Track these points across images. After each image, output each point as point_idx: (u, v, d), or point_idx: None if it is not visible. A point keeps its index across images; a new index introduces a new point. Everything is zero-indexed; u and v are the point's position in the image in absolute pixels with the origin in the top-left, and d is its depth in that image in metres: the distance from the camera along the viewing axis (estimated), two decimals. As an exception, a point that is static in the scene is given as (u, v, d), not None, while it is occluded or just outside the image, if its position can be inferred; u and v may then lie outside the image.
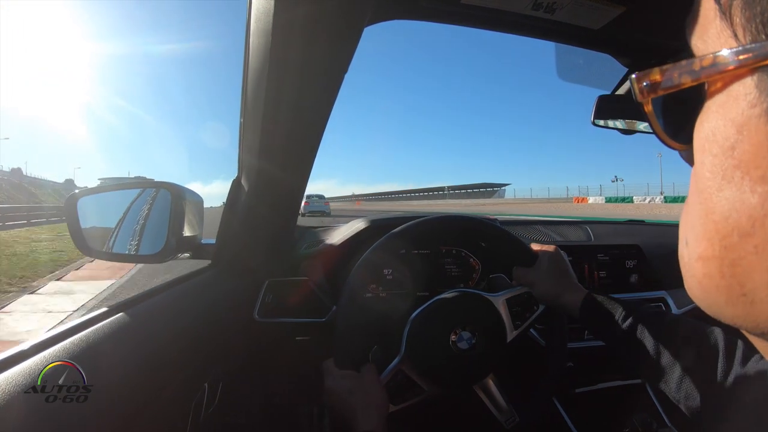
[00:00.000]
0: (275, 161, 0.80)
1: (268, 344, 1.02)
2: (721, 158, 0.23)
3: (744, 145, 0.21)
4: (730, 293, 0.23)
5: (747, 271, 0.22)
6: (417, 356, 0.80)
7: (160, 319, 0.73)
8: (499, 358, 0.83)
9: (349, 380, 0.76)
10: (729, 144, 0.22)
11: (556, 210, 36.38)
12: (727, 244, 0.23)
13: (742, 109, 0.22)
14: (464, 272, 1.13)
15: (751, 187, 0.21)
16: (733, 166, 0.22)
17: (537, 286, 0.84)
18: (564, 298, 0.80)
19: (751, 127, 0.21)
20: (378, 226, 1.10)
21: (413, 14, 0.67)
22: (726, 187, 0.22)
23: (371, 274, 1.01)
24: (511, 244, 0.92)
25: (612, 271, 1.23)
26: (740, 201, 0.22)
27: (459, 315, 0.82)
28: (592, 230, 1.34)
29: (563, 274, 0.84)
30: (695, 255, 0.25)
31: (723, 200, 0.23)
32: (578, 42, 0.77)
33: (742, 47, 0.21)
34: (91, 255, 0.83)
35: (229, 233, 0.93)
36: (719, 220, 0.23)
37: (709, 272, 0.24)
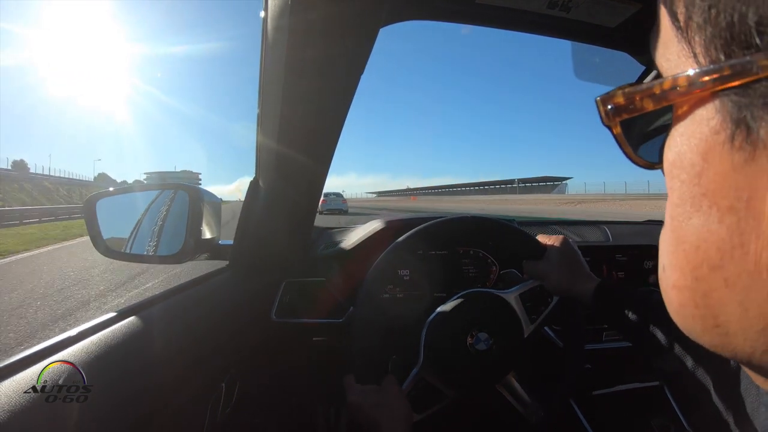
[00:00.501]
0: (292, 162, 0.81)
1: (285, 344, 1.03)
2: (688, 185, 0.22)
3: (709, 173, 0.20)
4: (705, 323, 0.23)
5: (719, 303, 0.21)
6: (436, 362, 0.80)
7: (177, 319, 0.74)
8: (517, 355, 0.83)
9: (372, 395, 0.75)
10: (695, 171, 0.21)
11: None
12: (698, 275, 0.22)
13: (705, 135, 0.20)
14: (482, 272, 1.12)
15: (719, 217, 0.20)
16: (700, 195, 0.21)
17: (548, 277, 0.83)
18: (577, 287, 0.79)
19: (715, 154, 0.20)
20: (395, 227, 1.10)
21: (428, 14, 0.68)
22: (694, 216, 0.22)
23: (388, 275, 1.01)
24: (518, 237, 0.91)
25: (630, 272, 1.22)
26: (708, 232, 0.21)
27: (474, 316, 0.81)
28: (610, 230, 1.33)
29: (574, 263, 0.82)
30: (670, 283, 0.24)
31: (692, 229, 0.22)
32: (594, 40, 0.76)
33: (701, 69, 0.20)
34: (109, 256, 0.84)
35: (247, 234, 0.94)
36: (689, 249, 0.22)
37: (683, 302, 0.24)
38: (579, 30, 0.73)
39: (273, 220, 0.93)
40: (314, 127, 0.76)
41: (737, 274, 0.20)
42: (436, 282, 1.08)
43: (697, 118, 0.21)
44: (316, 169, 0.86)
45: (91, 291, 5.29)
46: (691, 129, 0.21)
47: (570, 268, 0.81)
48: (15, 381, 0.45)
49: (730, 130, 0.19)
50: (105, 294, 5.15)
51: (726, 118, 0.19)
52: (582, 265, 0.82)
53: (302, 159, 0.81)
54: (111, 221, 0.85)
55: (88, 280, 5.99)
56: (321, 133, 0.78)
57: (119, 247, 0.88)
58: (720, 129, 0.20)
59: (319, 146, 0.81)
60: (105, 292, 5.27)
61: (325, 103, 0.72)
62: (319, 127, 0.76)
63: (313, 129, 0.76)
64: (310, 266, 1.08)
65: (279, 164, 0.82)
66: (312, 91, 0.69)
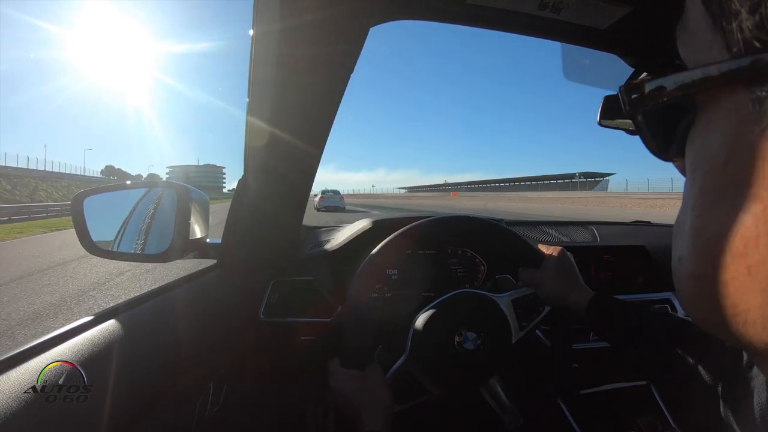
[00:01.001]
0: (281, 161, 0.80)
1: (274, 344, 1.02)
2: (712, 175, 0.22)
3: (736, 162, 0.21)
4: (723, 313, 0.23)
5: (739, 291, 0.21)
6: (421, 356, 0.80)
7: (165, 318, 0.73)
8: (503, 360, 0.83)
9: (355, 380, 0.76)
10: (721, 161, 0.21)
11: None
12: (719, 264, 0.22)
13: (734, 125, 0.21)
14: (470, 272, 1.13)
15: (744, 206, 0.20)
16: (725, 184, 0.21)
17: (543, 286, 0.83)
18: (570, 299, 0.79)
19: (743, 144, 0.20)
20: (383, 227, 1.10)
21: (419, 14, 0.67)
22: (718, 206, 0.22)
23: (376, 274, 1.01)
24: (517, 244, 0.91)
25: (618, 272, 1.23)
26: (732, 220, 0.21)
27: (464, 315, 0.81)
28: (598, 231, 1.34)
29: (570, 275, 0.83)
30: (688, 273, 0.24)
31: (715, 219, 0.22)
32: (585, 42, 0.77)
33: (734, 60, 0.20)
34: (97, 254, 0.83)
35: (235, 233, 0.94)
36: (711, 239, 0.22)
37: (702, 291, 0.24)
38: (569, 31, 0.73)
39: (261, 219, 0.92)
40: (303, 126, 0.76)
41: (761, 262, 0.20)
42: (425, 281, 1.08)
43: (726, 108, 0.21)
44: (305, 169, 0.85)
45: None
46: (720, 119, 0.21)
47: (565, 279, 0.82)
48: (15, 381, 0.44)
49: (760, 120, 0.19)
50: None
51: (758, 108, 0.19)
52: (577, 277, 0.83)
53: (291, 158, 0.81)
54: (99, 219, 0.84)
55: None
56: (310, 132, 0.78)
57: (106, 246, 0.87)
58: (750, 119, 0.20)
59: (307, 146, 0.80)
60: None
61: (314, 103, 0.72)
62: (308, 126, 0.76)
63: (301, 128, 0.76)
64: (299, 265, 1.07)
65: (267, 163, 0.82)
66: (301, 91, 0.69)
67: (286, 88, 0.69)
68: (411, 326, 0.82)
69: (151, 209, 0.93)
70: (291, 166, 0.82)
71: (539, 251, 0.89)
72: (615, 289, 1.19)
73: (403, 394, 0.80)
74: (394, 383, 0.79)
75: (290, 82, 0.68)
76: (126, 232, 0.92)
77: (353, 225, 1.17)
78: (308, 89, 0.70)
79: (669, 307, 1.17)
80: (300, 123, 0.75)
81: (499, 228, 0.93)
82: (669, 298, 1.18)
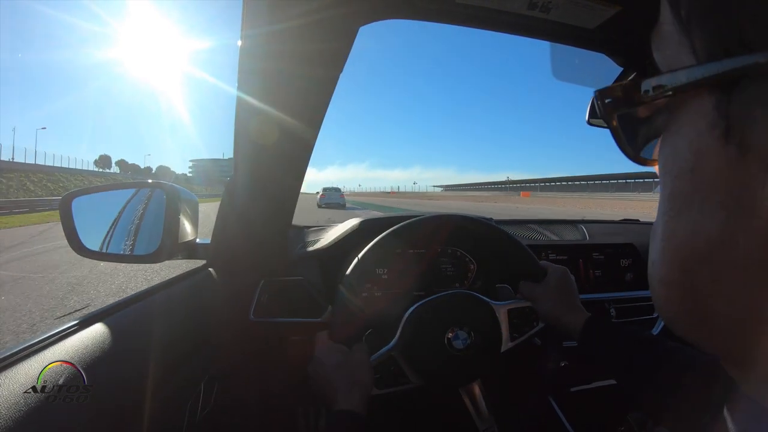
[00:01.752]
0: (270, 161, 0.80)
1: (264, 344, 1.02)
2: (681, 180, 0.22)
3: (703, 168, 0.21)
4: (691, 318, 0.23)
5: (706, 298, 0.22)
6: (410, 346, 0.80)
7: (155, 319, 0.73)
8: (490, 365, 0.83)
9: (339, 354, 0.76)
10: (688, 166, 0.22)
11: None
12: (686, 270, 0.22)
13: (700, 131, 0.21)
14: (460, 272, 1.13)
15: (710, 212, 0.20)
16: (692, 190, 0.21)
17: (541, 302, 0.83)
18: (566, 318, 0.79)
19: (709, 150, 0.20)
20: (372, 226, 1.10)
21: (408, 14, 0.67)
22: (686, 211, 0.22)
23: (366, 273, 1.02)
24: (522, 256, 0.90)
25: (607, 270, 1.24)
26: (698, 226, 0.21)
27: (459, 315, 0.81)
28: (587, 229, 1.35)
29: (569, 294, 0.83)
30: (658, 278, 0.25)
31: (683, 224, 0.22)
32: (573, 41, 0.77)
33: (699, 65, 0.20)
34: (85, 255, 0.82)
35: (224, 233, 0.93)
36: (679, 244, 0.23)
37: (670, 297, 0.24)
38: (558, 31, 0.73)
39: (250, 220, 0.92)
40: (292, 125, 0.75)
41: (725, 269, 0.20)
42: (415, 280, 1.08)
43: (694, 114, 0.21)
44: (294, 169, 0.85)
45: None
46: (688, 124, 0.22)
47: (564, 298, 0.82)
48: (15, 381, 0.44)
49: (725, 127, 0.19)
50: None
51: (722, 114, 0.20)
52: (576, 298, 0.83)
53: (279, 158, 0.80)
54: (87, 220, 0.83)
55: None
56: (298, 133, 0.77)
57: (95, 246, 0.86)
58: (715, 125, 0.20)
59: (296, 145, 0.80)
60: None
61: (303, 103, 0.72)
62: (297, 127, 0.76)
63: (290, 128, 0.76)
64: (288, 265, 1.07)
65: (256, 164, 0.81)
66: (289, 90, 0.69)
67: (273, 88, 0.68)
68: (405, 315, 0.82)
69: (140, 210, 0.92)
70: (280, 166, 0.82)
71: (542, 267, 0.88)
72: (604, 287, 1.20)
73: (385, 379, 0.80)
74: (377, 367, 0.79)
75: (278, 83, 0.68)
76: (115, 233, 0.91)
77: (342, 224, 1.17)
78: (296, 90, 0.70)
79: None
80: (289, 123, 0.74)
81: (506, 236, 0.92)
82: None
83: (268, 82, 0.68)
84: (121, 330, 0.62)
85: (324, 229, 1.23)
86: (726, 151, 0.19)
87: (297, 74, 0.67)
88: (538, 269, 0.88)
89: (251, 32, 0.63)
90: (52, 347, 0.51)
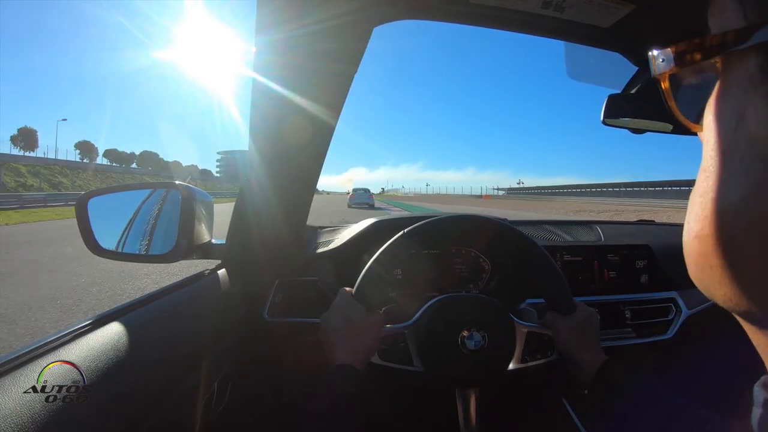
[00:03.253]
0: (285, 162, 0.80)
1: (278, 344, 1.02)
2: (723, 137, 0.23)
3: (745, 125, 0.22)
4: (723, 273, 0.23)
5: (740, 251, 0.22)
6: (424, 330, 0.79)
7: (170, 319, 0.74)
8: (493, 375, 0.82)
9: (354, 311, 0.76)
10: (732, 124, 0.22)
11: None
12: (721, 223, 0.23)
13: (746, 89, 0.22)
14: (474, 273, 1.12)
15: (749, 166, 0.21)
16: (734, 146, 0.22)
17: (562, 334, 0.82)
18: (583, 355, 0.78)
19: (752, 108, 0.21)
20: (387, 226, 1.10)
21: (422, 14, 0.67)
22: (725, 166, 0.23)
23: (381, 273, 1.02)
24: (558, 286, 0.86)
25: (622, 272, 1.22)
26: (736, 180, 0.22)
27: (482, 319, 0.80)
28: (602, 231, 1.33)
29: (591, 334, 0.82)
30: (693, 233, 0.25)
31: (721, 179, 0.23)
32: (588, 41, 0.76)
33: (748, 26, 0.21)
34: (101, 255, 0.83)
35: (239, 233, 0.94)
36: (716, 198, 0.23)
37: (704, 251, 0.24)
38: (572, 30, 0.73)
39: (265, 220, 0.92)
40: (307, 127, 0.76)
41: (760, 222, 0.21)
42: (429, 281, 1.08)
43: (740, 73, 0.22)
44: (309, 169, 0.85)
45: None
46: (734, 83, 0.23)
47: (586, 336, 0.81)
48: (15, 381, 0.44)
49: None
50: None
51: (766, 73, 0.21)
52: (597, 340, 0.82)
53: (294, 159, 0.81)
54: (103, 220, 0.84)
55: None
56: (313, 133, 0.78)
57: (111, 246, 0.87)
58: (759, 83, 0.21)
59: (311, 147, 0.80)
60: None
61: (318, 104, 0.72)
62: (312, 127, 0.76)
63: (305, 129, 0.76)
64: (303, 265, 1.07)
65: (271, 164, 0.82)
66: (304, 92, 0.69)
67: (288, 90, 0.69)
68: (428, 302, 0.82)
69: (155, 210, 0.93)
70: (294, 167, 0.82)
71: (573, 303, 0.86)
72: (620, 289, 1.19)
73: (389, 353, 0.80)
74: (386, 338, 0.80)
75: (293, 84, 0.69)
76: (130, 233, 0.92)
77: (356, 225, 1.17)
78: (311, 90, 0.70)
79: (673, 306, 1.17)
80: (303, 123, 0.75)
81: (547, 260, 0.87)
82: (673, 297, 1.18)
83: (283, 84, 0.68)
84: (131, 331, 0.62)
85: (339, 230, 1.23)
86: (767, 108, 0.21)
87: (312, 75, 0.67)
88: (569, 304, 0.86)
89: (266, 34, 0.63)
90: (56, 349, 0.52)
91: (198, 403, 0.73)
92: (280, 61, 0.65)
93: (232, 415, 0.86)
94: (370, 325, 0.76)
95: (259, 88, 0.72)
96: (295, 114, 0.73)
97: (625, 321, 1.13)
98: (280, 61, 0.65)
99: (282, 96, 0.69)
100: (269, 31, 0.62)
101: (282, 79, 0.68)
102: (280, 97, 0.69)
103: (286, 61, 0.65)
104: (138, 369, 0.58)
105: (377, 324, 0.78)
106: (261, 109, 0.74)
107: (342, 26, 0.60)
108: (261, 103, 0.74)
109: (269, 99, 0.70)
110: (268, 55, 0.65)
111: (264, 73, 0.69)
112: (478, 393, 0.85)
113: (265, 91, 0.70)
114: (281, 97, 0.69)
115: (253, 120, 0.77)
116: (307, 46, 0.62)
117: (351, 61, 0.66)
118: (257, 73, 0.70)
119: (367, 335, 0.75)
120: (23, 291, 4.71)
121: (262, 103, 0.73)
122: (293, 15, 0.58)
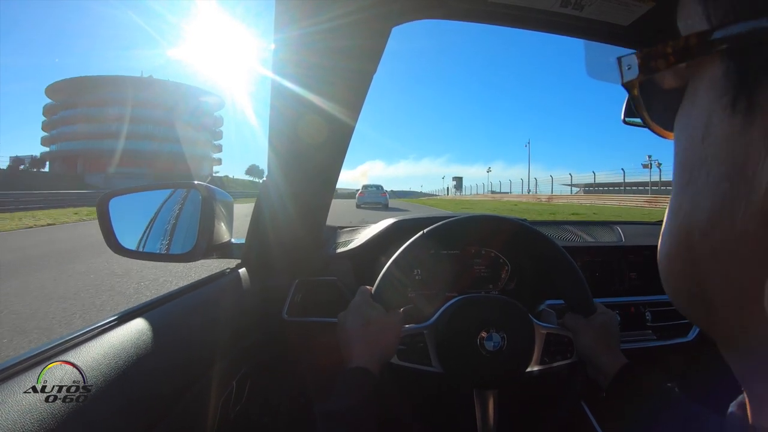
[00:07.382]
0: (304, 162, 0.81)
1: (296, 343, 1.03)
2: (691, 151, 0.22)
3: (711, 137, 0.20)
4: (690, 295, 0.23)
5: (705, 274, 0.21)
6: (443, 331, 0.79)
7: (189, 317, 0.74)
8: (512, 377, 0.81)
9: (373, 311, 0.76)
10: (699, 135, 0.21)
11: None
12: (689, 244, 0.22)
13: (711, 98, 0.21)
14: (493, 273, 1.12)
15: (715, 183, 0.20)
16: (700, 160, 0.21)
17: (582, 335, 0.81)
18: (603, 358, 0.77)
19: (717, 118, 0.20)
20: (407, 227, 1.10)
21: (441, 14, 0.67)
22: (693, 183, 0.22)
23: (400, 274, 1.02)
24: (579, 289, 0.86)
25: (643, 273, 1.21)
26: (702, 198, 0.21)
27: (501, 320, 0.79)
28: (623, 231, 1.31)
29: (611, 337, 0.81)
30: (663, 252, 0.24)
31: (689, 195, 0.22)
32: (608, 39, 0.76)
33: (711, 30, 0.20)
34: (122, 254, 0.84)
35: (259, 233, 0.95)
36: (683, 217, 0.22)
37: (673, 271, 0.24)
38: (592, 28, 0.72)
39: (285, 220, 0.93)
40: (326, 127, 0.76)
41: (723, 244, 0.20)
42: (448, 282, 1.08)
43: (705, 81, 0.21)
44: (329, 169, 0.86)
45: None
46: (700, 92, 0.22)
47: (606, 339, 0.80)
48: (15, 381, 0.44)
49: (733, 94, 0.19)
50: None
51: (730, 81, 0.19)
52: (617, 343, 0.81)
53: (314, 159, 0.81)
54: (124, 220, 0.86)
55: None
56: (332, 134, 0.78)
57: (132, 246, 0.89)
58: (724, 92, 0.20)
59: (330, 147, 0.81)
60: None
61: (337, 105, 0.73)
62: (331, 128, 0.77)
63: (324, 129, 0.76)
64: (322, 265, 1.08)
65: (291, 164, 0.82)
66: (324, 90, 0.70)
67: (307, 89, 0.69)
68: (449, 301, 0.82)
69: (176, 210, 0.95)
70: (314, 167, 0.83)
71: (593, 305, 0.85)
72: (640, 290, 1.17)
73: (407, 353, 0.80)
74: (405, 339, 0.79)
75: (312, 84, 0.69)
76: (151, 233, 0.94)
77: (376, 225, 1.18)
78: (330, 89, 0.70)
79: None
80: (323, 123, 0.75)
81: (568, 262, 0.87)
82: None
83: (302, 84, 0.69)
84: (150, 330, 0.62)
85: (358, 230, 1.23)
86: (733, 119, 0.19)
87: (331, 75, 0.68)
88: (590, 306, 0.85)
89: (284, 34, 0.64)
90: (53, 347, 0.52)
91: (217, 401, 0.74)
92: (298, 58, 0.65)
93: (250, 413, 0.87)
94: (389, 325, 0.76)
95: (277, 88, 0.72)
96: (314, 113, 0.73)
97: (646, 323, 1.11)
98: (298, 59, 0.65)
99: (301, 95, 0.70)
100: (288, 28, 0.62)
101: (301, 78, 0.68)
102: (299, 96, 0.70)
103: (304, 59, 0.65)
104: (138, 370, 0.57)
105: (397, 324, 0.77)
106: (279, 108, 0.75)
107: (360, 23, 0.61)
108: (279, 103, 0.74)
109: (288, 98, 0.71)
110: (287, 53, 0.66)
111: (282, 71, 0.69)
112: (497, 394, 0.84)
113: (283, 90, 0.71)
114: (300, 96, 0.70)
115: (272, 120, 0.78)
116: (326, 42, 0.62)
117: (370, 60, 0.67)
118: (275, 72, 0.70)
119: (386, 335, 0.75)
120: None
121: (280, 103, 0.74)
122: (312, 11, 0.58)
